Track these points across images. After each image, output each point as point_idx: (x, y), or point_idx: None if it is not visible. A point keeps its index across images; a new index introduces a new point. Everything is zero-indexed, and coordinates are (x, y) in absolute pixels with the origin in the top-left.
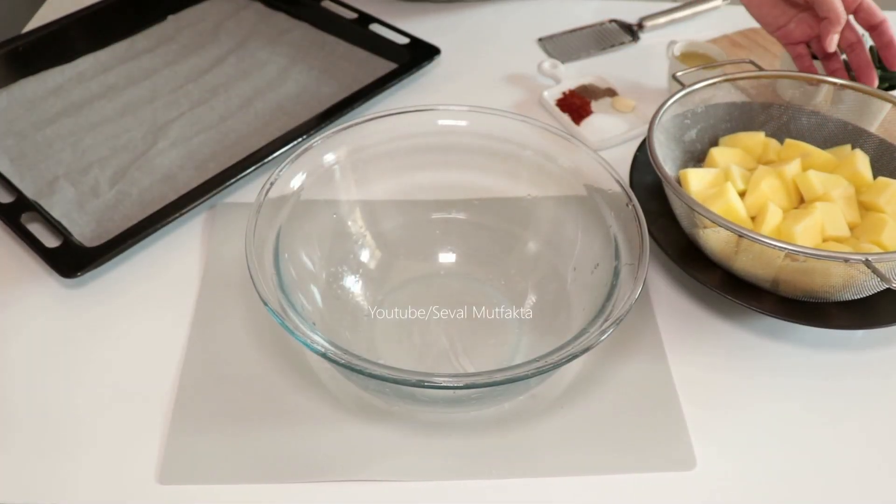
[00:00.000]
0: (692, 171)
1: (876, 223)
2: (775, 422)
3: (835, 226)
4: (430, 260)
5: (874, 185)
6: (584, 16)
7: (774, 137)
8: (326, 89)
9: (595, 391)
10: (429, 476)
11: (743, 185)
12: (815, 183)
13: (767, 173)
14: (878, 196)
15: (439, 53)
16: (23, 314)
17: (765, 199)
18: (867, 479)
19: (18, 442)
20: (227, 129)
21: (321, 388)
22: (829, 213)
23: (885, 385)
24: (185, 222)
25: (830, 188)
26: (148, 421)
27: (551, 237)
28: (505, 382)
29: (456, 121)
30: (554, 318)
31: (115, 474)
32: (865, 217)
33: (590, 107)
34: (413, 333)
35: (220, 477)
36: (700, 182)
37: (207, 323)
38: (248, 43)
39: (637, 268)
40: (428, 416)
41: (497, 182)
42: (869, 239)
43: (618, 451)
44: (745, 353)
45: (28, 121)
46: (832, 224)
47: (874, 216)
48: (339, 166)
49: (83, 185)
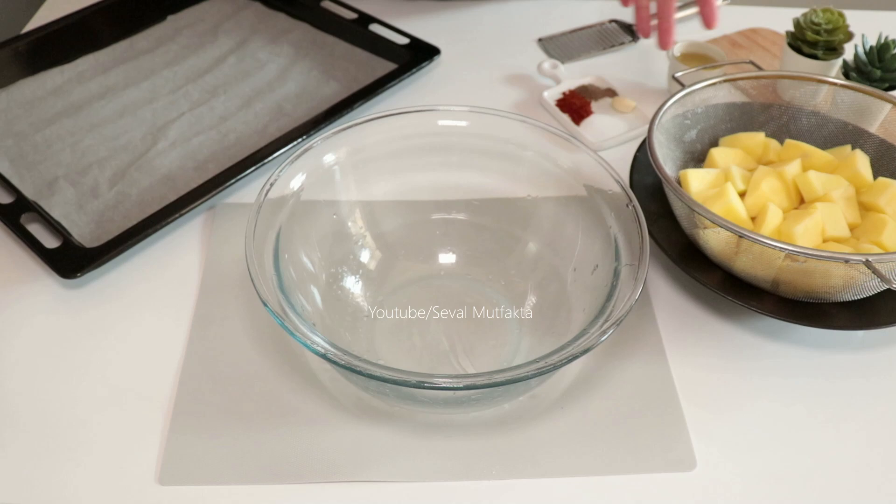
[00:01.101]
0: (692, 171)
1: (876, 223)
2: (775, 422)
3: (835, 226)
4: (430, 260)
5: (874, 186)
6: (584, 16)
7: (774, 138)
8: (326, 89)
9: (595, 392)
10: (429, 477)
11: (743, 186)
12: (816, 184)
13: (767, 174)
14: (879, 197)
15: (439, 53)
16: (23, 314)
17: (765, 200)
18: (867, 479)
19: (18, 442)
20: (226, 130)
21: (321, 389)
22: (830, 213)
23: (885, 385)
24: (184, 223)
25: (831, 189)
26: (148, 421)
27: (551, 238)
28: (505, 383)
29: (456, 121)
30: (554, 318)
31: (114, 475)
32: (866, 217)
33: (590, 107)
34: (413, 334)
35: (220, 478)
36: (700, 182)
37: (207, 323)
38: (247, 43)
39: (637, 268)
40: (428, 416)
41: (497, 182)
42: (869, 239)
43: (618, 451)
44: (745, 353)
45: (28, 121)
46: (832, 224)
47: (874, 216)
48: (339, 167)
49: (83, 185)
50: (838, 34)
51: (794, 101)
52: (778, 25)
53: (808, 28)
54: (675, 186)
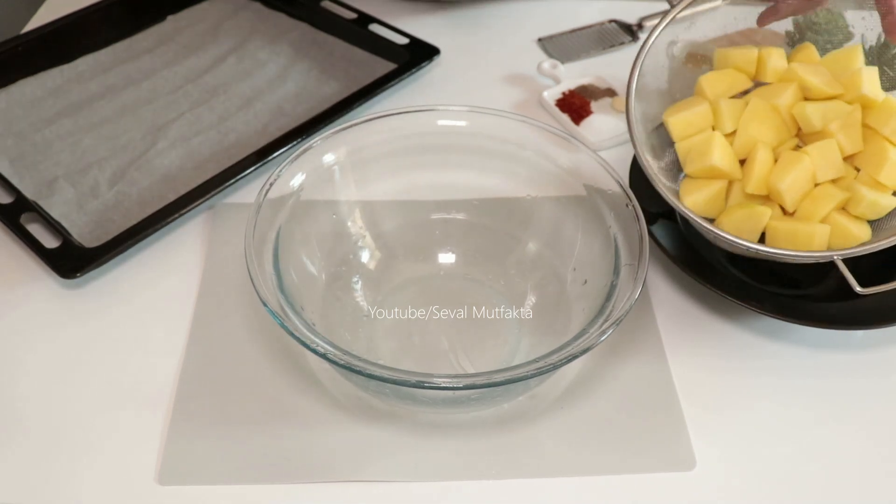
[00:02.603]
0: (676, 117)
1: (878, 153)
2: (775, 422)
3: (828, 168)
4: (429, 260)
5: (882, 109)
6: (584, 16)
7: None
8: (326, 89)
9: (595, 392)
10: (429, 476)
11: (732, 124)
12: (813, 118)
13: (758, 111)
14: (884, 125)
15: (439, 53)
16: (22, 314)
17: (754, 142)
18: (867, 479)
19: (18, 442)
20: (226, 130)
21: (321, 389)
22: (823, 154)
23: (885, 385)
24: (184, 222)
25: (830, 119)
26: (147, 421)
27: (551, 238)
28: (505, 383)
29: (456, 121)
30: (554, 318)
31: (114, 475)
32: (868, 143)
33: (589, 107)
34: (413, 334)
35: (220, 478)
36: (686, 128)
37: (207, 323)
38: (247, 43)
39: (637, 268)
40: (428, 416)
41: (497, 182)
42: (867, 175)
43: (617, 451)
44: (745, 353)
45: (27, 121)
46: (825, 167)
47: (877, 145)
48: (338, 166)
49: (83, 185)
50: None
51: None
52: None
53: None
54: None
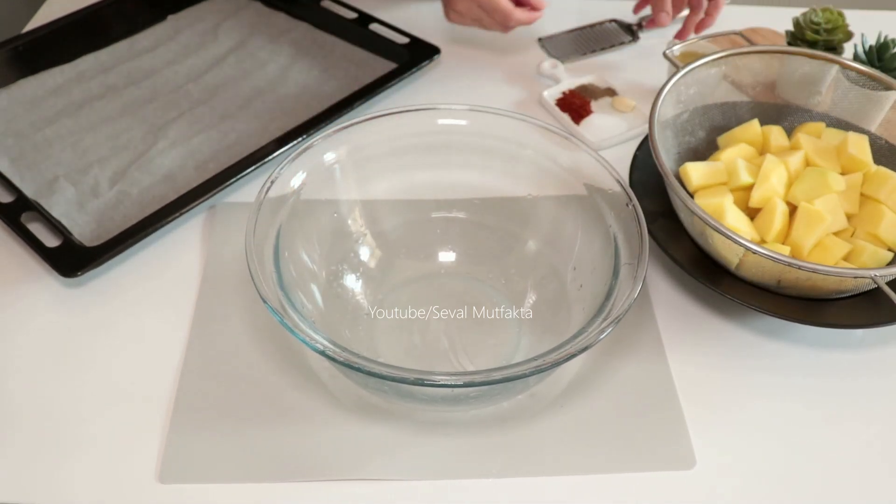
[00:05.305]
0: (692, 164)
1: (873, 214)
2: (775, 421)
3: (834, 220)
4: (430, 259)
5: (875, 176)
6: (584, 16)
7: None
8: (326, 89)
9: (595, 390)
10: (428, 475)
11: (750, 178)
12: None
13: (776, 165)
14: (879, 190)
15: (439, 53)
16: (23, 313)
17: (772, 194)
18: (867, 479)
19: (19, 441)
20: (227, 129)
21: (321, 387)
22: (830, 208)
23: (885, 385)
24: (185, 222)
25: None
26: (148, 420)
27: (551, 236)
28: (503, 381)
29: (456, 120)
30: (553, 317)
31: (115, 473)
32: (864, 206)
33: (590, 106)
34: (413, 332)
35: (220, 476)
36: (700, 176)
37: (207, 322)
38: (247, 43)
39: (636, 267)
40: (427, 414)
41: (497, 182)
42: (866, 231)
43: (617, 450)
44: (745, 352)
45: (28, 121)
46: (832, 219)
47: (872, 206)
48: (339, 165)
49: (83, 184)
50: (838, 34)
51: (793, 100)
52: (778, 25)
53: (808, 28)
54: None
